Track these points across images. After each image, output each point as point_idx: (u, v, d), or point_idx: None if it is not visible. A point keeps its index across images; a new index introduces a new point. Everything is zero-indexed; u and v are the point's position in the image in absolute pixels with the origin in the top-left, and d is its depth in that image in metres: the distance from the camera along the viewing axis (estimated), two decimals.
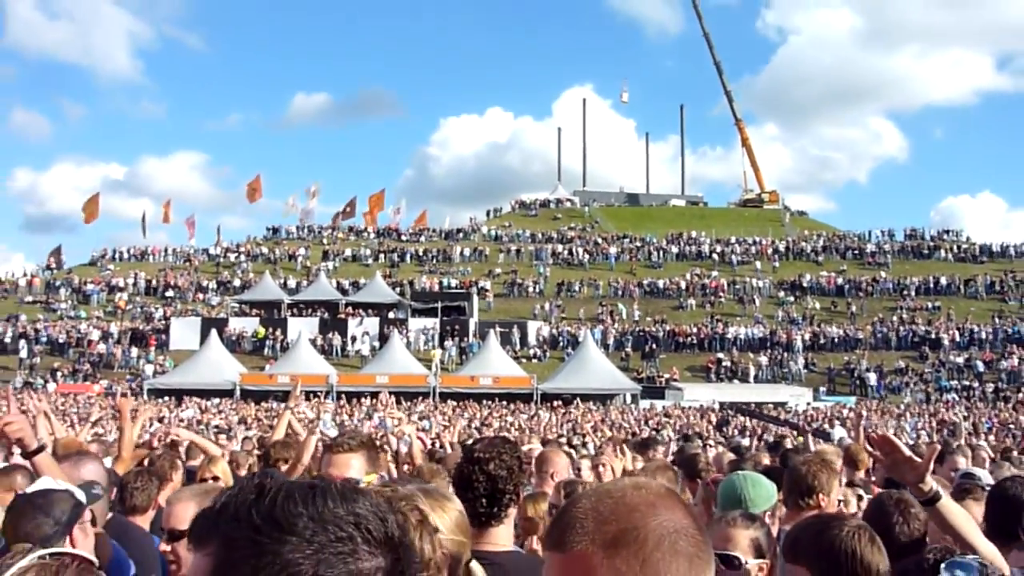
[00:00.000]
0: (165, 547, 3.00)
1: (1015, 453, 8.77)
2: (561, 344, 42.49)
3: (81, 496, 2.69)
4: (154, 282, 51.29)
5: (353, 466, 3.05)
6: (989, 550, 2.44)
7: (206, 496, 3.00)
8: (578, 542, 1.08)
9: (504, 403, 31.41)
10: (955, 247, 55.27)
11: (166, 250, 57.97)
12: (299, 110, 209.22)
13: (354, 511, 0.96)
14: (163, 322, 45.19)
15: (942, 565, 2.14)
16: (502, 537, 2.64)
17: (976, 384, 37.20)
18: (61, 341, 43.23)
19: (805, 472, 3.45)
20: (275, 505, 0.94)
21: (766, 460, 6.31)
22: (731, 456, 6.12)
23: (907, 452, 2.52)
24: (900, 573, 2.25)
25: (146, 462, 6.55)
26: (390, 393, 32.08)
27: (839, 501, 3.83)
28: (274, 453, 5.57)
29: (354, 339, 42.13)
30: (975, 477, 3.95)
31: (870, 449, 2.73)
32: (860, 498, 4.24)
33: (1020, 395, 34.80)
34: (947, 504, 2.48)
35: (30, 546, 2.23)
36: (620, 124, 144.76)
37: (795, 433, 21.23)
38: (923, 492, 2.49)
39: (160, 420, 22.78)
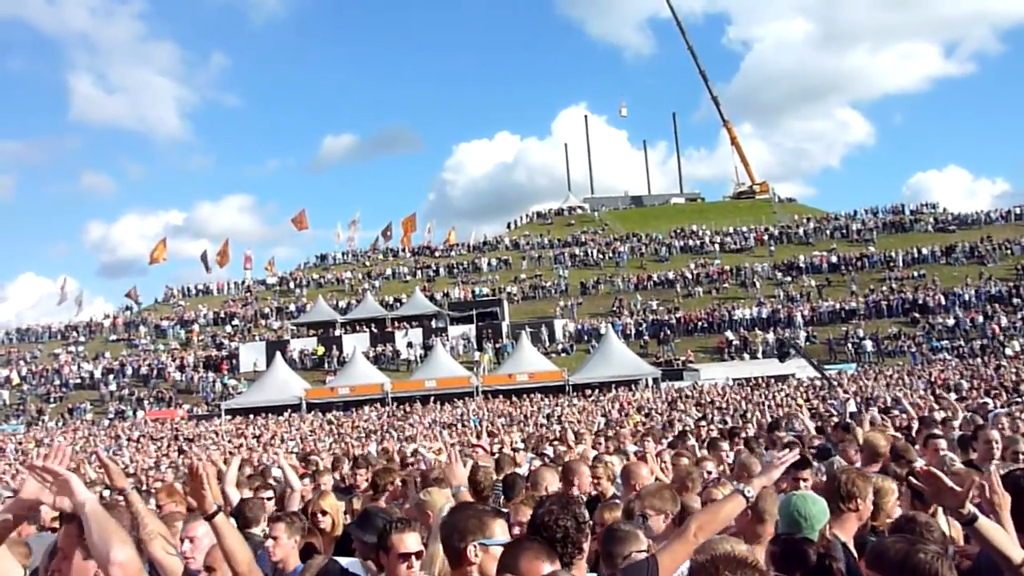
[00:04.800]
0: None
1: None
2: (585, 338, 42.50)
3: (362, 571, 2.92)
4: (221, 313, 52.01)
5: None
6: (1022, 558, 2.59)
7: None
8: None
9: (540, 396, 31.54)
10: (933, 219, 54.65)
11: (228, 284, 58.71)
12: (329, 150, 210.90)
13: None
14: (232, 347, 45.87)
15: None
16: None
17: (964, 343, 36.78)
18: (143, 373, 44.01)
19: (844, 481, 3.58)
20: None
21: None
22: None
23: (949, 483, 2.68)
24: None
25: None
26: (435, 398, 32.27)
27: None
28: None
29: (398, 353, 42.34)
30: None
31: (916, 483, 2.87)
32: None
33: (1007, 350, 34.39)
34: (983, 523, 2.63)
35: None
36: (615, 136, 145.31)
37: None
38: (963, 516, 2.65)
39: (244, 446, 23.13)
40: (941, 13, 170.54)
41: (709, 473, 5.58)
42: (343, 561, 3.47)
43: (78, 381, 44.04)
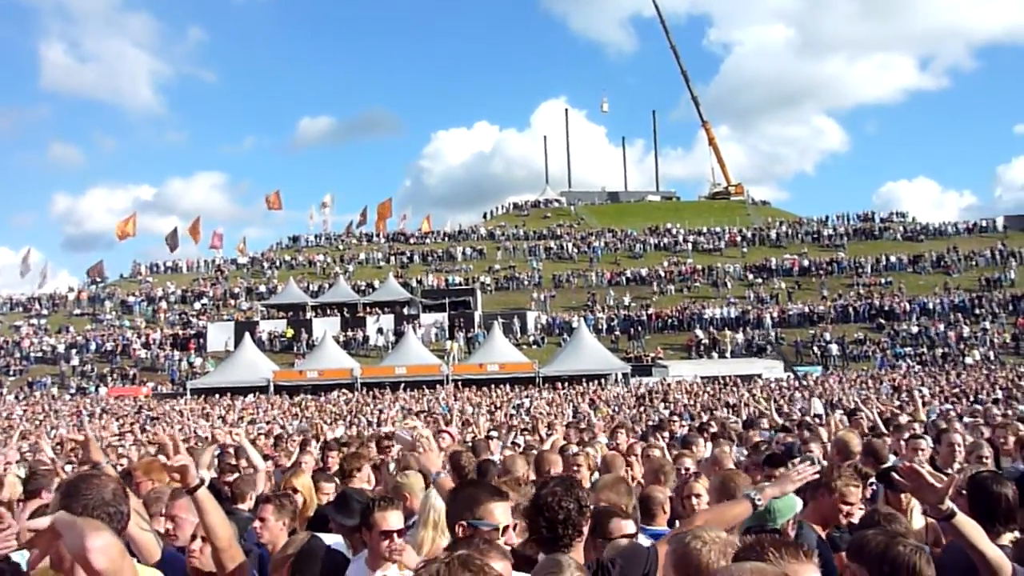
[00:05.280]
0: None
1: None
2: (557, 331, 42.63)
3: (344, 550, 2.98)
4: (189, 291, 51.29)
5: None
6: (997, 555, 2.67)
7: None
8: None
9: (510, 386, 31.58)
10: (903, 228, 55.63)
11: (198, 262, 57.90)
12: (305, 132, 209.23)
13: None
14: (201, 326, 45.25)
15: None
16: None
17: (927, 351, 37.54)
18: (108, 349, 43.25)
19: (826, 473, 3.66)
20: None
21: None
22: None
23: (930, 480, 2.76)
24: None
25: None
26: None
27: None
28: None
29: (368, 338, 42.10)
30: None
31: (899, 478, 2.95)
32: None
33: (967, 359, 35.23)
34: (961, 519, 2.72)
35: None
36: (594, 131, 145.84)
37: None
38: (941, 512, 2.73)
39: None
40: (918, 27, 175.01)
41: (687, 469, 5.65)
42: (326, 538, 3.47)
43: (39, 355, 43.16)
